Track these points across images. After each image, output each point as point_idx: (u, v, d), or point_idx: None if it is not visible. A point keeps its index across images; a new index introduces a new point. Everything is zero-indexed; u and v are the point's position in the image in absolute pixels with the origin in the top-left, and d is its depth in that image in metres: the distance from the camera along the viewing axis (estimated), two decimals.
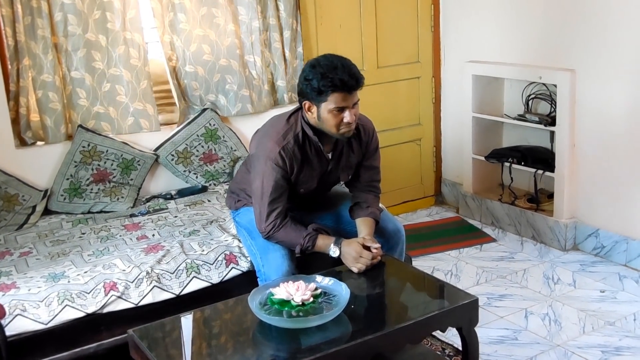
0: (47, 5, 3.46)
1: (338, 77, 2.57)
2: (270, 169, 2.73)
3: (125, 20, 3.65)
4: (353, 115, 2.65)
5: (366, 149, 2.94)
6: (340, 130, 2.68)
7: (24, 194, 3.47)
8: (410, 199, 5.05)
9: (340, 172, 2.94)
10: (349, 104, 2.63)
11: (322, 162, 2.85)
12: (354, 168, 2.98)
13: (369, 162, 3.00)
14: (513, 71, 4.35)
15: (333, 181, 3.02)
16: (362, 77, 2.65)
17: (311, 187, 2.88)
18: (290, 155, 2.74)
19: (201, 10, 3.87)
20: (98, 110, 3.69)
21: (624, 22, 3.69)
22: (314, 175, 2.86)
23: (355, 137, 2.88)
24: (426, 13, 4.84)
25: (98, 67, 3.64)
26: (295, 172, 2.78)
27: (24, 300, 2.63)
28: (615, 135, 3.86)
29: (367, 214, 2.92)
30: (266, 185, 2.74)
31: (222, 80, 3.98)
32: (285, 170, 2.75)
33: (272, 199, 2.75)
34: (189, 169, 3.88)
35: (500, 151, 4.52)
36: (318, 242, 2.78)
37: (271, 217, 2.77)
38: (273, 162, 2.72)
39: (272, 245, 2.82)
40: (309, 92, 2.64)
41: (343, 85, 2.58)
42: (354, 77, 2.60)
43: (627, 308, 3.45)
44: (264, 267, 2.83)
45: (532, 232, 4.34)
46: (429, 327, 2.49)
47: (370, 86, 4.63)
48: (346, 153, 2.89)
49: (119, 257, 2.95)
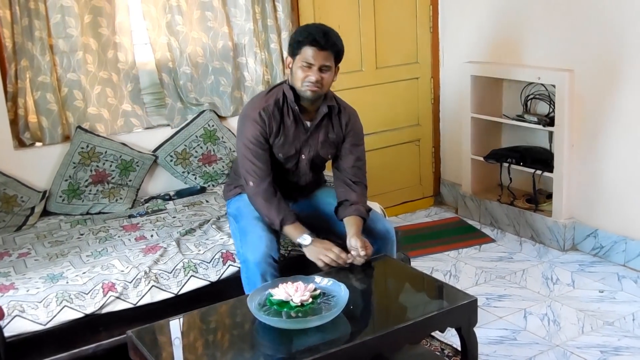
0: (44, 7, 3.48)
1: (312, 33, 2.80)
2: (250, 125, 2.90)
3: (114, 24, 3.68)
4: (318, 76, 2.80)
5: (347, 130, 3.04)
6: (303, 87, 2.84)
7: (22, 195, 3.47)
8: (409, 199, 5.05)
9: (320, 147, 3.02)
10: (317, 63, 2.80)
11: (300, 129, 2.97)
12: (337, 148, 3.06)
13: (352, 147, 3.06)
14: (512, 72, 4.35)
15: (318, 159, 3.06)
16: (337, 41, 2.84)
17: (289, 153, 2.98)
18: (270, 115, 2.90)
19: (195, 13, 3.89)
20: (91, 111, 3.72)
21: (622, 22, 3.70)
22: (291, 141, 2.96)
23: (336, 115, 3.02)
24: (425, 14, 4.84)
25: (90, 69, 3.67)
26: (273, 134, 2.92)
27: (22, 301, 2.63)
28: (613, 135, 3.87)
29: (352, 211, 2.94)
30: (247, 140, 2.91)
31: (215, 82, 4.01)
32: (264, 129, 2.89)
33: (254, 153, 2.90)
34: (187, 169, 3.87)
35: (499, 151, 4.52)
36: (296, 224, 2.86)
37: (252, 173, 2.90)
38: (252, 120, 2.90)
39: (251, 227, 2.87)
40: (291, 44, 2.88)
41: (313, 41, 2.78)
42: (326, 37, 2.80)
43: (625, 308, 3.45)
44: (242, 248, 2.87)
45: (531, 233, 4.34)
46: (428, 328, 2.49)
47: (369, 87, 4.70)
48: (325, 126, 3.00)
49: (117, 258, 2.95)
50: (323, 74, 2.82)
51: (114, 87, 3.76)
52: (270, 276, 2.75)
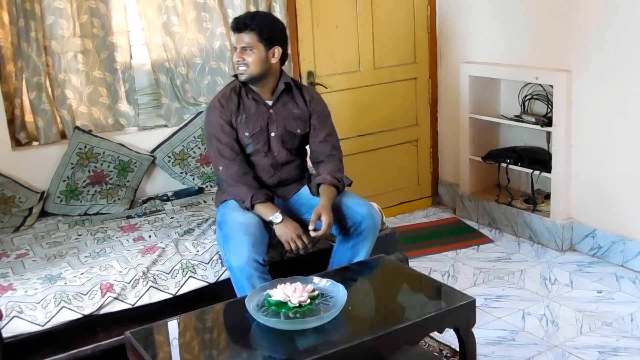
0: (39, 8, 3.49)
1: (234, 20, 3.07)
2: (211, 113, 3.10)
3: (110, 24, 3.69)
4: (240, 57, 3.01)
5: (311, 105, 3.20)
6: (237, 71, 3.08)
7: (20, 195, 3.46)
8: (407, 200, 5.05)
9: (286, 121, 3.15)
10: (238, 45, 3.03)
11: (262, 107, 3.12)
12: (305, 124, 3.19)
13: (319, 123, 3.20)
14: (509, 72, 4.35)
15: (287, 135, 3.16)
16: (257, 21, 3.00)
17: (255, 130, 3.10)
18: (227, 99, 3.09)
19: (191, 13, 3.89)
20: (82, 110, 3.74)
21: (620, 22, 3.70)
22: (255, 119, 3.10)
23: (298, 92, 3.20)
24: (422, 14, 4.84)
25: (83, 69, 3.69)
26: (234, 114, 3.08)
27: (20, 302, 2.63)
28: (611, 135, 3.87)
29: (321, 180, 3.07)
30: (211, 127, 3.09)
31: (212, 82, 4.02)
32: (224, 113, 3.07)
33: (217, 137, 3.06)
34: (185, 170, 3.87)
35: (497, 152, 4.52)
36: (267, 204, 2.98)
37: (222, 156, 3.05)
38: (213, 107, 3.11)
39: (233, 232, 2.88)
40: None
41: (233, 26, 3.05)
42: (243, 19, 3.03)
43: (624, 308, 3.45)
44: (226, 255, 2.88)
45: (529, 233, 4.34)
46: (427, 328, 2.49)
47: (367, 87, 4.70)
48: (288, 102, 3.17)
49: (115, 259, 2.94)
50: (245, 55, 3.00)
51: (109, 87, 3.76)
52: (258, 279, 2.76)
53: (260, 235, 2.90)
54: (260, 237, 2.90)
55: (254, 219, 2.93)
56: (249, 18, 3.02)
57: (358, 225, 2.99)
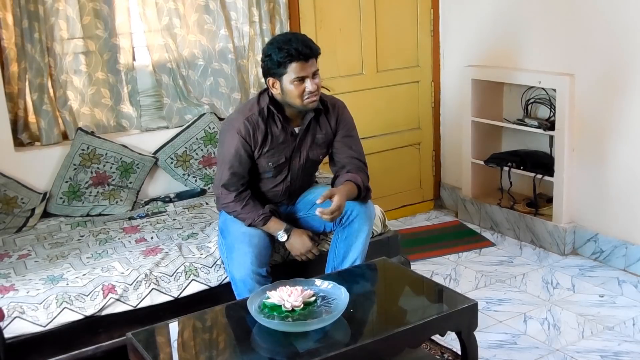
0: (43, 10, 3.50)
1: (293, 48, 2.76)
2: (232, 137, 2.89)
3: (114, 26, 3.70)
4: (314, 85, 2.81)
5: (337, 124, 3.05)
6: (305, 101, 2.83)
7: (23, 196, 3.47)
8: (409, 203, 5.05)
9: (309, 150, 3.03)
10: (308, 72, 2.79)
11: (288, 137, 2.96)
12: (328, 147, 3.08)
13: (344, 139, 3.07)
14: (512, 75, 4.35)
15: (309, 163, 3.07)
16: (316, 46, 2.83)
17: (279, 162, 2.98)
18: (254, 125, 2.88)
19: (193, 16, 3.90)
20: (84, 111, 3.74)
21: (623, 26, 3.70)
22: (281, 150, 2.96)
23: (323, 113, 3.02)
24: (426, 17, 4.84)
25: (85, 70, 3.70)
26: (259, 144, 2.91)
27: (22, 303, 2.63)
28: (614, 139, 3.87)
29: (350, 177, 2.95)
30: (227, 152, 2.90)
31: (215, 84, 4.02)
32: (247, 142, 2.88)
33: (231, 165, 2.90)
34: (188, 172, 3.87)
35: (500, 155, 4.52)
36: (269, 224, 2.93)
37: (229, 185, 2.92)
38: (235, 131, 2.88)
39: (237, 243, 2.85)
40: (270, 66, 2.82)
41: (299, 54, 2.76)
42: (307, 46, 2.79)
43: (626, 313, 3.44)
44: (229, 266, 2.86)
45: (531, 237, 4.34)
46: (428, 332, 2.49)
47: (369, 90, 4.70)
48: (313, 129, 3.00)
49: (117, 260, 2.94)
50: (316, 80, 2.83)
51: (111, 88, 3.77)
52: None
53: (264, 247, 2.88)
54: (264, 249, 2.88)
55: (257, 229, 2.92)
56: (306, 43, 2.80)
57: (350, 213, 2.93)
